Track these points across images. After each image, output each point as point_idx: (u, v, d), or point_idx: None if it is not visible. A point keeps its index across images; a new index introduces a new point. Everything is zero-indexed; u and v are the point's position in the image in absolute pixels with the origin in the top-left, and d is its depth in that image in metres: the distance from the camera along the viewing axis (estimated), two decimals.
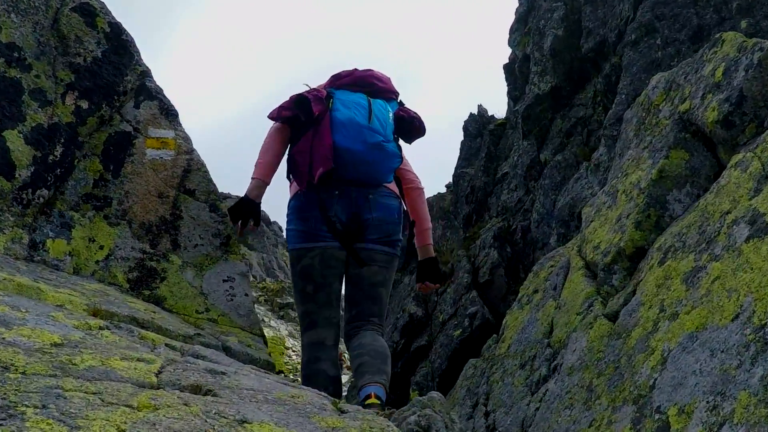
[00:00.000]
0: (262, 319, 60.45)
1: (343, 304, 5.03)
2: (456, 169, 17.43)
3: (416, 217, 5.29)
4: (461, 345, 11.44)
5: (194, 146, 5.43)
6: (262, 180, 5.00)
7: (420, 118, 5.04)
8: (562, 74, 12.77)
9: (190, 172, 5.35)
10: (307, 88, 4.99)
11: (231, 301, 5.13)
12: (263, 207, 5.18)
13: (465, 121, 19.63)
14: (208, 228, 5.30)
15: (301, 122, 4.81)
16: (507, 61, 16.34)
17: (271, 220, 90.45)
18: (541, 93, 13.16)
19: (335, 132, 4.63)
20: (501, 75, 16.70)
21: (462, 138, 19.39)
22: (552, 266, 5.95)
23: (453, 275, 13.20)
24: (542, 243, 11.94)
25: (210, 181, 5.44)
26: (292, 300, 64.06)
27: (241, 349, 4.55)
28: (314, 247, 4.80)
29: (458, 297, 12.39)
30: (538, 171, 13.21)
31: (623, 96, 10.49)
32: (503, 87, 16.80)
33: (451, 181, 17.87)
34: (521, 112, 13.68)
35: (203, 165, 5.44)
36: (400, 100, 5.15)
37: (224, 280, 5.20)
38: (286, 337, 55.41)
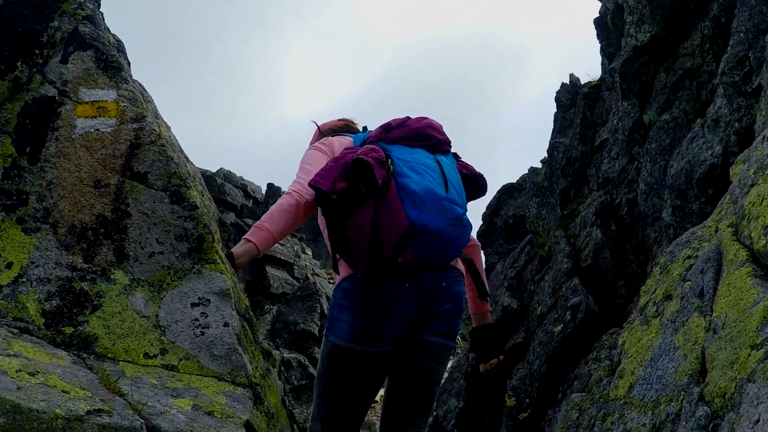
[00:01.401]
0: None
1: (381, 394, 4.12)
2: (550, 142, 15.40)
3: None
4: (563, 344, 9.48)
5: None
6: (258, 249, 3.67)
7: (482, 175, 4.24)
8: (662, 21, 10.75)
9: (139, 148, 3.57)
10: (321, 132, 4.34)
11: (201, 335, 3.33)
12: None
13: (557, 92, 17.84)
14: (168, 228, 3.53)
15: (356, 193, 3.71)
16: (597, 14, 14.24)
17: None
18: (640, 45, 11.14)
19: (408, 205, 3.69)
20: (591, 32, 14.61)
21: (555, 110, 17.57)
22: (690, 257, 3.89)
23: (551, 260, 11.22)
24: (653, 218, 9.90)
25: (170, 159, 3.63)
26: None
27: (186, 428, 2.72)
28: (369, 353, 3.78)
29: (557, 285, 10.39)
30: (642, 134, 11.18)
31: (742, 35, 8.44)
32: (594, 46, 14.73)
33: (546, 154, 15.90)
34: (618, 68, 11.61)
35: (159, 136, 3.64)
36: (455, 152, 4.27)
37: (193, 305, 3.42)
38: None
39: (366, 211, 3.63)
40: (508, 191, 44.71)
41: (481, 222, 44.98)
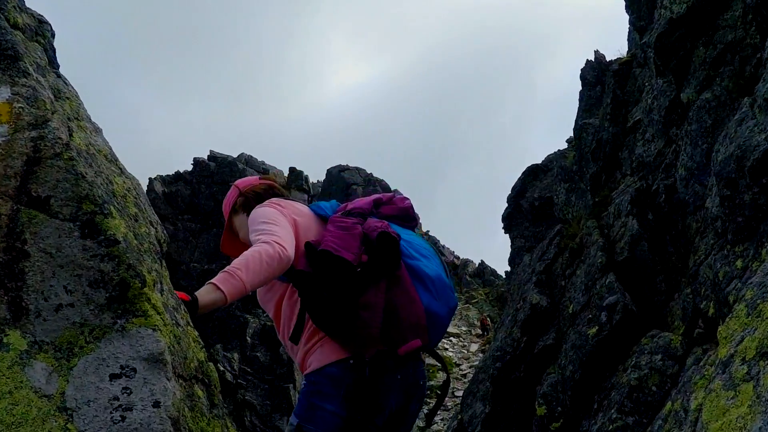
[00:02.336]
0: None
1: None
2: (576, 122, 14.36)
3: None
4: (598, 347, 8.52)
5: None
6: (227, 300, 3.17)
7: None
8: None
9: (39, 164, 2.63)
10: (242, 192, 3.99)
11: (121, 421, 2.40)
12: None
13: (582, 69, 16.83)
14: (80, 271, 2.59)
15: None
16: None
17: (392, 188, 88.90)
18: (675, 17, 10.14)
19: (420, 290, 3.53)
20: (620, 5, 13.54)
21: (580, 88, 16.60)
22: None
23: (583, 252, 10.24)
24: (694, 206, 8.92)
25: (80, 177, 2.67)
26: None
27: None
28: None
29: (590, 281, 9.42)
30: (681, 115, 10.21)
31: None
32: (623, 20, 13.67)
33: (572, 135, 14.89)
34: (652, 43, 10.55)
35: (67, 146, 2.70)
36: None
37: (113, 377, 2.49)
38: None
39: (379, 291, 3.40)
40: (533, 172, 43.73)
41: (506, 204, 44.03)
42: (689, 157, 9.05)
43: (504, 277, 59.54)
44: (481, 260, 65.83)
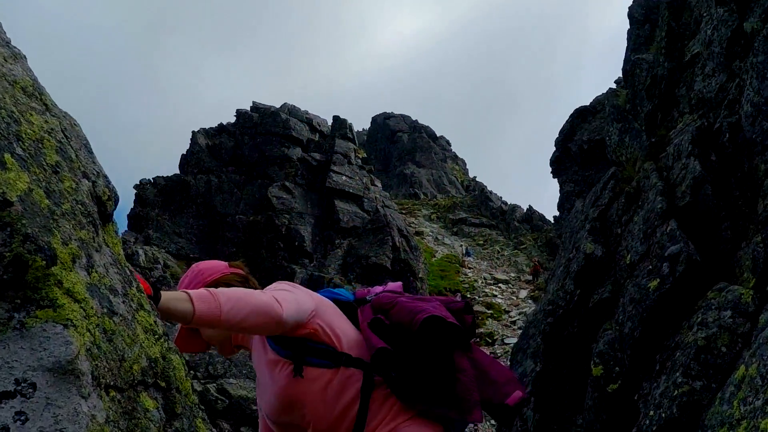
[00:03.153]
0: (436, 237, 58.13)
1: None
2: (625, 63, 13.32)
3: None
4: (660, 302, 7.67)
5: None
6: (190, 321, 2.61)
7: None
8: None
9: None
10: (205, 281, 3.44)
11: None
12: None
13: (629, 7, 15.80)
14: None
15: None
16: None
17: (437, 135, 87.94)
18: None
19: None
20: None
21: (628, 26, 15.59)
22: None
23: (640, 197, 9.35)
24: (762, 145, 7.99)
25: None
26: (465, 215, 61.37)
27: None
28: None
29: (650, 229, 8.54)
30: (744, 46, 9.19)
31: None
32: None
33: (621, 75, 13.88)
34: None
35: None
36: None
37: (4, 396, 1.71)
38: (465, 257, 52.51)
39: (463, 356, 3.39)
40: (581, 115, 42.43)
41: (554, 148, 42.85)
42: (755, 92, 8.08)
43: (553, 222, 58.64)
44: (529, 205, 64.77)
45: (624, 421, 7.93)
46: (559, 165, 41.92)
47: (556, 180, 42.78)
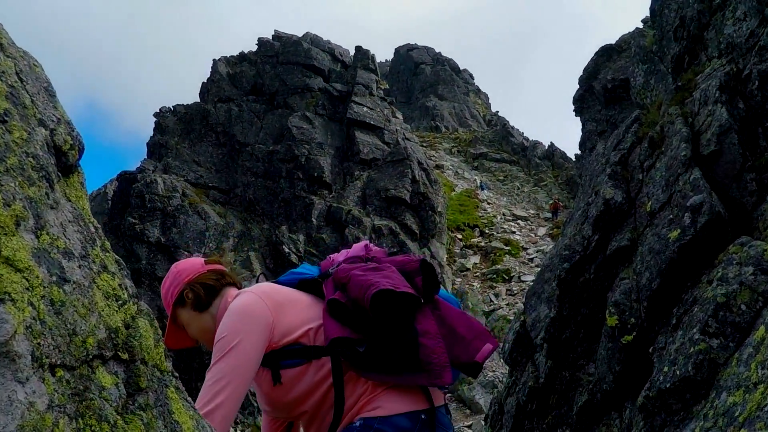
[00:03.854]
0: (456, 171, 57.84)
1: None
2: (653, 1, 12.81)
3: None
4: (680, 254, 7.39)
5: None
6: None
7: None
8: None
9: None
10: (185, 281, 3.44)
11: None
12: None
13: None
14: None
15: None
16: None
17: (461, 68, 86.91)
18: None
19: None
20: None
21: None
22: None
23: (663, 143, 9.02)
24: None
25: None
26: (486, 149, 60.96)
27: None
28: None
29: (673, 177, 8.22)
30: None
31: None
32: None
33: (648, 14, 13.34)
34: None
35: None
36: None
37: None
38: (479, 190, 52.14)
39: (427, 317, 3.26)
40: (606, 53, 41.62)
41: (577, 86, 42.18)
42: None
43: (574, 160, 58.14)
44: (551, 142, 64.17)
45: (637, 374, 7.74)
46: (582, 103, 41.31)
47: (578, 118, 42.24)
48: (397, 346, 3.11)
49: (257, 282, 3.41)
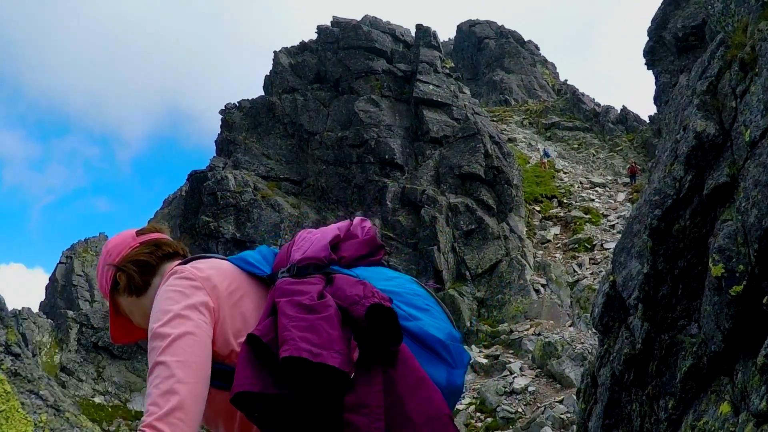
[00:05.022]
0: (529, 143, 56.50)
1: None
2: None
3: None
4: None
5: None
6: None
7: None
8: None
9: None
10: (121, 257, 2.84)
11: None
12: None
13: None
14: None
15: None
16: None
17: (525, 39, 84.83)
18: None
19: (430, 362, 2.53)
20: None
21: None
22: None
23: (756, 63, 7.72)
24: None
25: None
26: (557, 119, 59.28)
27: None
28: None
29: None
30: None
31: None
32: None
33: None
34: None
35: None
36: None
37: None
38: (556, 159, 50.85)
39: (373, 382, 2.36)
40: (674, 0, 39.47)
41: (646, 38, 40.19)
42: None
43: (648, 121, 56.15)
44: (623, 106, 61.99)
45: (751, 331, 6.51)
46: (653, 56, 39.40)
47: (651, 72, 40.41)
48: (316, 420, 2.34)
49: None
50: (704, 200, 7.54)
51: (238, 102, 50.04)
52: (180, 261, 2.77)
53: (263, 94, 51.43)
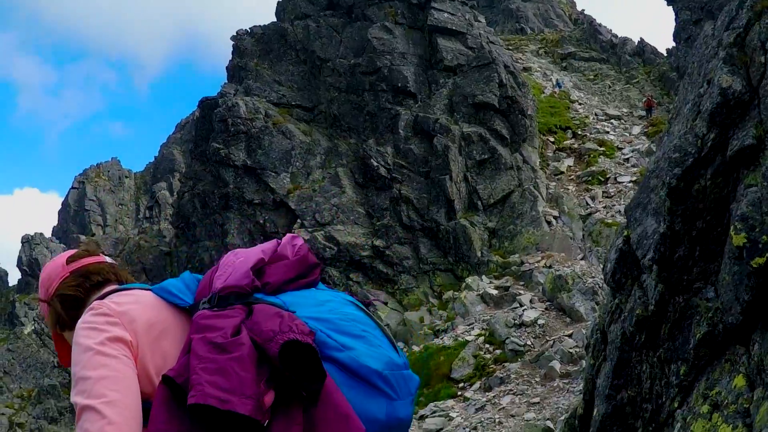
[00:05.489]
0: (544, 73, 55.45)
1: None
2: None
3: None
4: None
5: None
6: None
7: None
8: None
9: None
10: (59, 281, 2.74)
11: None
12: None
13: None
14: None
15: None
16: None
17: None
18: None
19: (365, 397, 2.33)
20: None
21: None
22: None
23: None
24: None
25: None
26: (573, 49, 58.08)
27: None
28: None
29: None
30: None
31: None
32: None
33: None
34: None
35: None
36: None
37: None
38: (571, 89, 49.91)
39: (292, 423, 2.19)
40: None
41: None
42: None
43: (666, 55, 55.11)
44: (641, 38, 60.78)
45: None
46: None
47: (670, 8, 39.39)
48: None
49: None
50: (727, 161, 7.14)
51: (249, 28, 49.24)
52: (107, 290, 2.59)
53: (275, 20, 50.56)
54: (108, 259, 2.86)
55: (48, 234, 62.81)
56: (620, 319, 8.86)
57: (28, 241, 56.34)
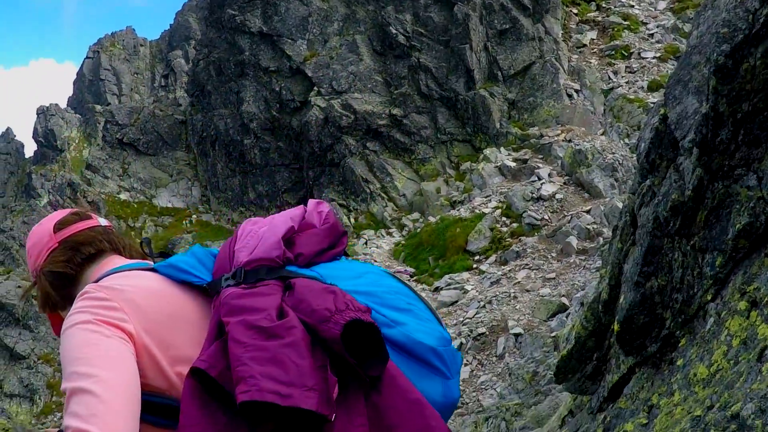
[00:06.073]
0: None
1: None
2: None
3: None
4: None
5: None
6: None
7: None
8: None
9: None
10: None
11: None
12: None
13: None
14: None
15: None
16: None
17: None
18: None
19: (426, 375, 2.10)
20: None
21: None
22: None
23: None
24: None
25: None
26: None
27: None
28: None
29: None
30: None
31: None
32: None
33: None
34: None
35: None
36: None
37: None
38: None
39: (355, 415, 1.88)
40: None
41: None
42: None
43: None
44: None
45: None
46: None
47: None
48: None
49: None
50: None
51: None
52: (105, 272, 2.26)
53: None
54: (102, 222, 2.51)
55: (63, 105, 62.16)
56: (653, 202, 8.41)
57: (43, 113, 55.81)
